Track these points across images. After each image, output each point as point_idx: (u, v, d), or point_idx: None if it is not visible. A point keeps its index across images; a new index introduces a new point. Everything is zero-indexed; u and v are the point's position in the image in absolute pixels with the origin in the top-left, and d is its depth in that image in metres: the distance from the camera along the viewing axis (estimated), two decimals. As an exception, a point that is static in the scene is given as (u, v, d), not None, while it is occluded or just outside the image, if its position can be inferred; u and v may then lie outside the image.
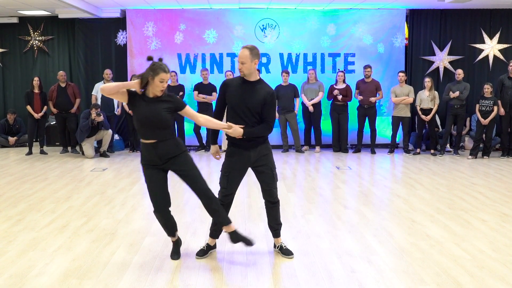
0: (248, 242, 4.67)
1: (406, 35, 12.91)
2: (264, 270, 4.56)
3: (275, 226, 4.99)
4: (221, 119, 4.84)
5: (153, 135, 4.47)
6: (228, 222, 4.64)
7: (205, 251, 4.93)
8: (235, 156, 4.75)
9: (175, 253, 4.88)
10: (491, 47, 12.82)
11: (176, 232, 4.85)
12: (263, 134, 4.69)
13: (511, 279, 4.34)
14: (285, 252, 4.93)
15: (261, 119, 4.69)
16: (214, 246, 5.03)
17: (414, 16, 12.82)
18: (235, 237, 4.66)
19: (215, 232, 4.97)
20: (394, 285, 4.22)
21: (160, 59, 4.57)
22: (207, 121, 4.71)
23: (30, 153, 11.56)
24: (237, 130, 4.58)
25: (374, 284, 4.25)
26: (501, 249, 5.11)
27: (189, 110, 4.69)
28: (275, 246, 5.05)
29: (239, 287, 4.21)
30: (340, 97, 11.72)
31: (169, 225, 4.77)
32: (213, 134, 5.00)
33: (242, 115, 4.64)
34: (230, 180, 4.79)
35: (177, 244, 4.92)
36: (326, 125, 12.45)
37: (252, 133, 4.62)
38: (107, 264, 4.69)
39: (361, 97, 11.74)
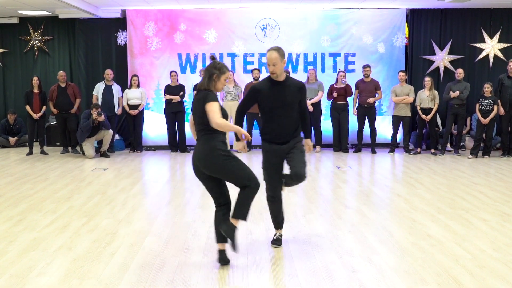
0: (233, 246, 4.56)
1: (407, 35, 12.91)
2: (264, 269, 4.56)
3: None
4: (242, 120, 5.04)
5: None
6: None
7: (280, 240, 5.23)
8: (270, 151, 4.97)
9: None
10: (491, 47, 12.82)
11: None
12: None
13: (512, 278, 4.34)
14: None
15: (297, 111, 4.96)
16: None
17: (414, 16, 12.81)
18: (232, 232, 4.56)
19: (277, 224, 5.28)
20: (395, 284, 4.22)
21: (213, 57, 4.75)
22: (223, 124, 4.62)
23: (30, 153, 11.57)
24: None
25: (375, 283, 4.25)
26: (502, 249, 5.11)
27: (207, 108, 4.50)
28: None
29: (240, 287, 4.21)
30: (338, 97, 11.72)
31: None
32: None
33: (281, 114, 4.85)
34: (272, 176, 5.01)
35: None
36: (326, 124, 12.44)
37: (310, 133, 5.15)
38: (108, 264, 4.69)
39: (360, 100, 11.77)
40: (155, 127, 12.60)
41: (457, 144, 11.74)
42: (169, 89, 11.90)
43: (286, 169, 4.98)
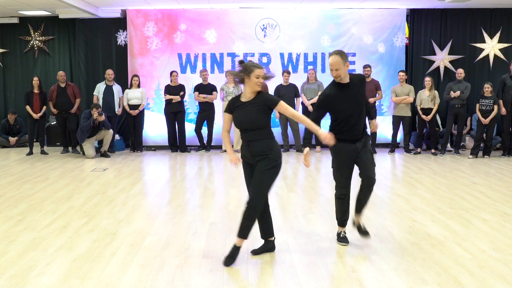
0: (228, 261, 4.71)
1: (407, 35, 12.91)
2: (265, 270, 4.56)
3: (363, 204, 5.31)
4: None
5: (248, 136, 4.69)
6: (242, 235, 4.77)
7: (347, 238, 5.30)
8: (342, 151, 5.09)
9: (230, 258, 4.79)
10: (491, 47, 12.82)
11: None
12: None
13: (512, 278, 4.34)
14: (363, 233, 5.35)
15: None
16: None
17: (414, 16, 12.81)
18: (235, 252, 4.77)
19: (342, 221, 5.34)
20: (395, 284, 4.22)
21: (241, 61, 4.76)
22: (297, 116, 5.00)
23: (30, 153, 11.57)
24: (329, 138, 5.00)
25: (375, 283, 4.24)
26: (502, 249, 5.11)
27: (283, 105, 4.76)
28: (354, 223, 5.41)
29: (240, 287, 4.21)
30: None
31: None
32: (309, 135, 5.27)
33: (355, 114, 4.96)
34: (344, 175, 5.16)
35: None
36: (326, 124, 12.41)
37: (375, 114, 5.33)
38: (108, 264, 4.69)
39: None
40: (155, 127, 12.61)
41: (457, 144, 11.73)
42: (169, 89, 11.90)
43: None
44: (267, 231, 4.97)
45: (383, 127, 12.59)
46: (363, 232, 5.33)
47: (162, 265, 4.67)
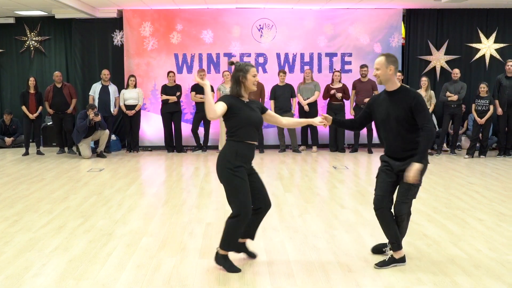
0: (230, 270, 4.56)
1: (403, 35, 12.93)
2: (261, 270, 4.56)
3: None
4: (360, 129, 5.10)
5: (255, 137, 4.57)
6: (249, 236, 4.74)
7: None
8: (383, 160, 4.75)
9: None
10: (487, 47, 12.85)
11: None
12: (429, 144, 4.47)
13: (508, 278, 4.34)
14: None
15: (413, 127, 4.48)
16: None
17: (410, 16, 12.83)
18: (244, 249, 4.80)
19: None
20: (391, 284, 4.23)
21: (231, 62, 4.66)
22: (291, 121, 5.21)
23: (26, 153, 11.55)
24: (329, 119, 4.91)
25: (371, 283, 4.25)
26: (498, 249, 5.12)
27: (271, 112, 4.88)
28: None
29: None
30: (339, 94, 11.71)
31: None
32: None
33: (388, 128, 4.59)
34: (377, 184, 4.76)
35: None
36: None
37: (423, 152, 4.43)
38: (104, 264, 4.68)
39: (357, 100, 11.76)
40: (151, 128, 12.60)
41: (453, 144, 11.75)
42: (166, 90, 11.90)
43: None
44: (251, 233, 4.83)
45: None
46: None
47: (158, 265, 4.67)
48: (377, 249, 4.95)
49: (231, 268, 4.52)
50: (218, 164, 4.51)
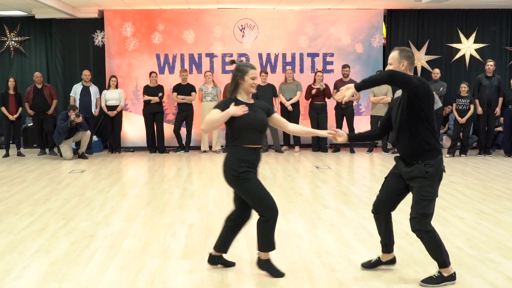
0: (275, 275, 4.43)
1: (384, 35, 13.00)
2: (244, 270, 4.56)
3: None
4: (383, 134, 4.70)
5: (259, 140, 4.42)
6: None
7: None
8: (396, 162, 4.41)
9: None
10: (467, 47, 12.97)
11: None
12: (381, 77, 4.05)
13: (488, 275, 4.39)
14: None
15: (416, 122, 4.11)
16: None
17: (391, 16, 12.92)
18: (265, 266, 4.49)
19: None
20: (373, 283, 4.25)
21: (232, 61, 4.57)
22: (298, 129, 4.88)
23: (7, 155, 11.42)
24: (342, 135, 4.51)
25: (354, 283, 4.27)
26: (479, 246, 5.17)
27: (278, 116, 4.67)
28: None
29: (220, 288, 4.21)
30: (323, 84, 11.68)
31: None
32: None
33: (397, 127, 4.25)
34: (382, 186, 4.59)
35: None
36: (305, 125, 12.46)
37: (367, 80, 4.02)
38: (86, 266, 4.65)
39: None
40: (133, 128, 12.54)
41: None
42: (148, 90, 11.85)
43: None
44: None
45: (361, 127, 12.63)
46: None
47: (141, 266, 4.65)
48: (368, 265, 4.61)
49: (275, 273, 4.40)
50: (224, 172, 4.34)
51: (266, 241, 4.37)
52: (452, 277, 4.25)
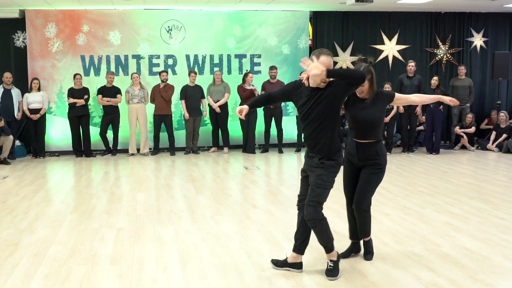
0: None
1: (310, 36, 13.21)
2: (174, 273, 4.53)
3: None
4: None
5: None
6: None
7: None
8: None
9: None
10: (390, 48, 13.38)
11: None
12: (352, 74, 4.64)
13: (413, 269, 4.54)
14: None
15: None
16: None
17: (317, 18, 13.13)
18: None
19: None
20: (302, 282, 4.31)
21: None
22: (422, 98, 5.22)
23: None
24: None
25: (284, 281, 4.32)
26: (404, 241, 5.34)
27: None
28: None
29: (150, 292, 4.16)
30: (256, 92, 11.78)
31: None
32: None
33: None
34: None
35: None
36: (234, 126, 12.51)
37: (339, 72, 4.63)
38: (10, 276, 4.49)
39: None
40: (58, 132, 12.20)
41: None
42: (73, 93, 11.56)
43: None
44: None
45: (289, 127, 12.78)
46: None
47: (68, 274, 4.54)
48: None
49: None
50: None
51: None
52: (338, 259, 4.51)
